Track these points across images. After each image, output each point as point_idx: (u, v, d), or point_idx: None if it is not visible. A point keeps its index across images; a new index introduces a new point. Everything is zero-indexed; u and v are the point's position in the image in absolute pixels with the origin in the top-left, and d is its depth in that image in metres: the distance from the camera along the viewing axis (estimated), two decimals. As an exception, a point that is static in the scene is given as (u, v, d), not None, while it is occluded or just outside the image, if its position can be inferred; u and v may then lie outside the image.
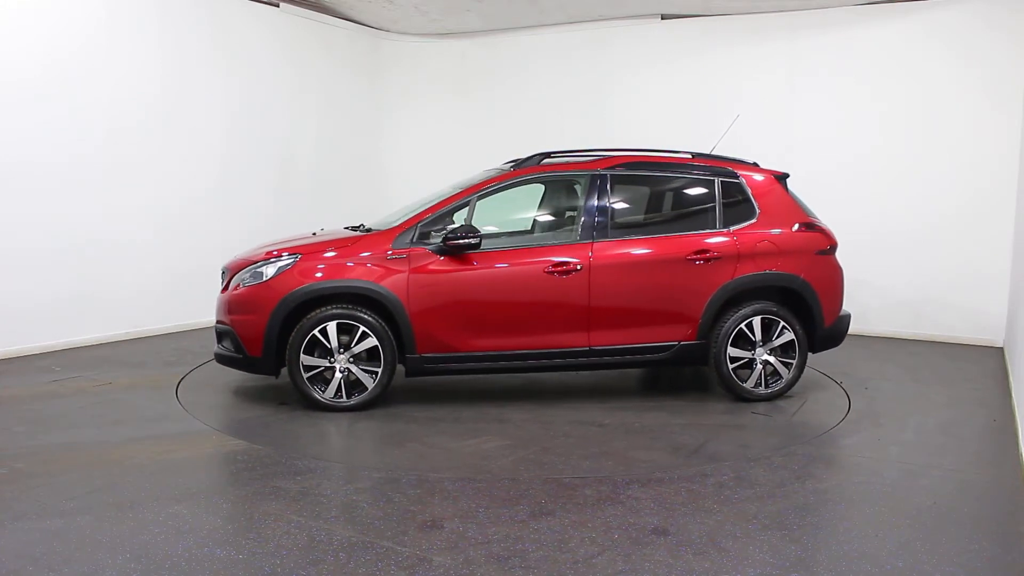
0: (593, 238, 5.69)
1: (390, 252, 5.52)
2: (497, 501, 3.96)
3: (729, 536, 3.58)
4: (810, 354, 6.02)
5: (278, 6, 9.22)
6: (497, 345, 5.62)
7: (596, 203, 5.77)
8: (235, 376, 6.47)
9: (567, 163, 6.11)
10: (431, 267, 5.51)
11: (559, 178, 6.20)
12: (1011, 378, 6.52)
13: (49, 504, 3.82)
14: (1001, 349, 7.93)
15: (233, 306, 5.63)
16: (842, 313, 6.09)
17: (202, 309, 8.21)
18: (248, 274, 5.63)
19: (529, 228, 6.42)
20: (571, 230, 5.85)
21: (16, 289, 6.90)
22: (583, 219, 5.75)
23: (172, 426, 5.15)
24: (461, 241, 5.45)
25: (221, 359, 5.78)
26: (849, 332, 6.27)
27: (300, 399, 5.59)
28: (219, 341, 5.81)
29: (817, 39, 8.74)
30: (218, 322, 5.79)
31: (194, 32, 8.29)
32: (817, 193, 7.14)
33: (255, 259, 5.71)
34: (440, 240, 5.52)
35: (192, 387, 6.13)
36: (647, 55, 9.55)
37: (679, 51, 9.41)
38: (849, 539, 3.60)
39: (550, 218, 6.40)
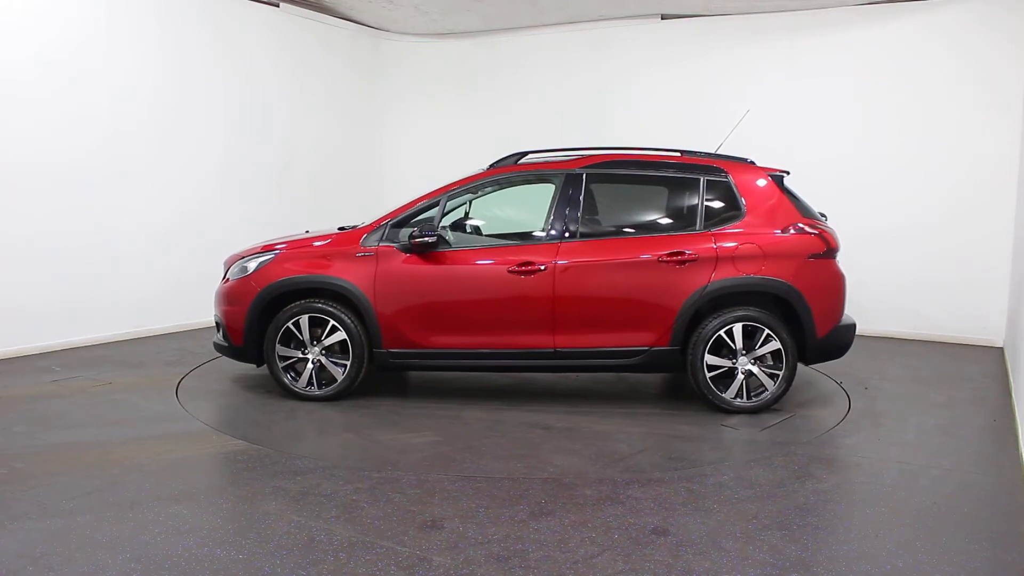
0: (562, 238, 5.61)
1: (359, 249, 5.70)
2: (497, 501, 3.96)
3: (729, 536, 3.59)
4: (805, 365, 5.80)
5: (278, 6, 9.22)
6: (461, 343, 5.66)
7: (568, 203, 5.67)
8: (235, 376, 6.49)
9: (543, 163, 6.05)
10: (397, 265, 5.65)
11: (533, 177, 6.11)
12: (1011, 378, 6.52)
13: (49, 504, 3.82)
14: (1001, 349, 7.93)
15: (223, 298, 5.99)
16: (842, 323, 5.67)
17: (202, 309, 8.19)
18: (237, 268, 5.99)
19: (503, 228, 6.43)
20: (542, 230, 5.77)
21: (16, 289, 6.90)
22: (552, 219, 5.69)
23: (172, 426, 5.16)
24: (419, 240, 5.56)
25: (216, 347, 6.14)
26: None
27: (278, 388, 5.88)
28: (217, 331, 6.13)
29: (817, 39, 8.74)
30: (215, 313, 6.10)
31: (194, 32, 8.29)
32: (817, 193, 7.12)
33: (244, 254, 6.07)
34: (406, 239, 5.64)
35: (192, 387, 6.13)
36: (647, 55, 9.55)
37: (679, 51, 9.41)
38: (849, 539, 3.60)
39: (523, 218, 6.41)
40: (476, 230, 6.29)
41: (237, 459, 4.58)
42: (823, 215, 5.91)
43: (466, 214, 6.41)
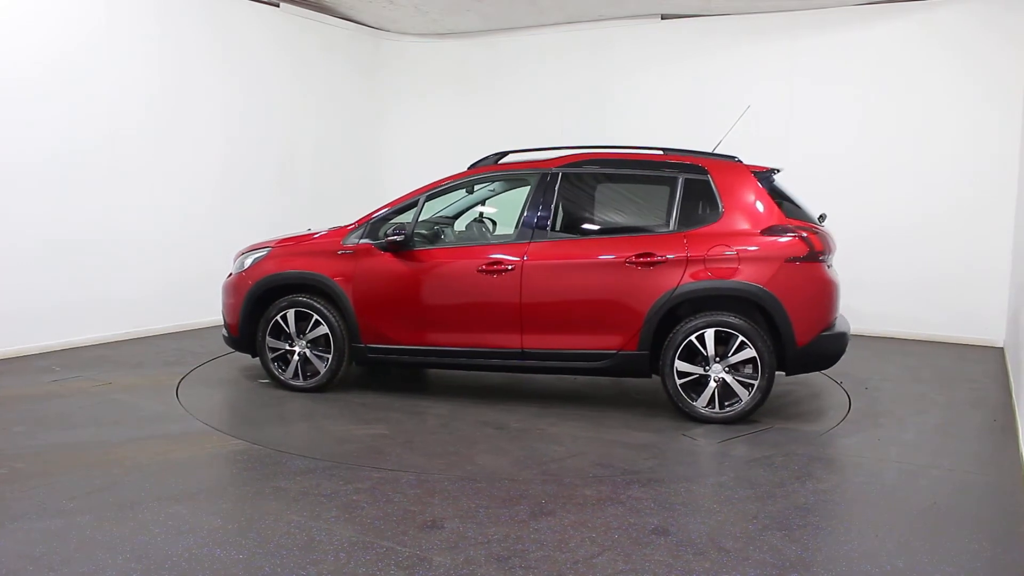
0: (532, 238, 5.55)
1: (341, 247, 5.88)
2: (497, 501, 3.96)
3: (729, 536, 3.58)
4: (786, 376, 5.53)
5: (278, 6, 9.22)
6: (432, 341, 5.71)
7: (540, 202, 5.61)
8: (234, 376, 6.50)
9: (522, 162, 6.03)
10: (373, 262, 5.78)
11: (511, 177, 6.11)
12: (1011, 378, 6.52)
13: (49, 504, 3.82)
14: (1001, 349, 7.93)
15: (224, 291, 6.32)
16: (828, 332, 5.31)
17: (202, 309, 8.22)
18: (237, 263, 6.32)
19: (479, 227, 6.47)
20: (514, 229, 5.73)
21: (16, 289, 6.89)
22: (524, 218, 5.64)
23: (172, 426, 5.15)
24: (390, 238, 5.68)
25: (223, 337, 6.40)
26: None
27: (274, 385, 6.13)
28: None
29: (817, 39, 8.74)
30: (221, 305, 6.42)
31: (194, 32, 8.28)
32: (817, 192, 7.12)
33: (249, 249, 6.37)
34: (382, 237, 5.77)
35: (192, 387, 6.13)
36: (647, 55, 9.55)
37: (679, 51, 9.41)
38: (849, 539, 3.60)
39: (499, 217, 6.45)
40: (453, 229, 6.32)
41: (237, 459, 4.58)
42: (823, 216, 5.77)
43: (444, 213, 6.49)
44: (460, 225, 6.54)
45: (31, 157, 6.94)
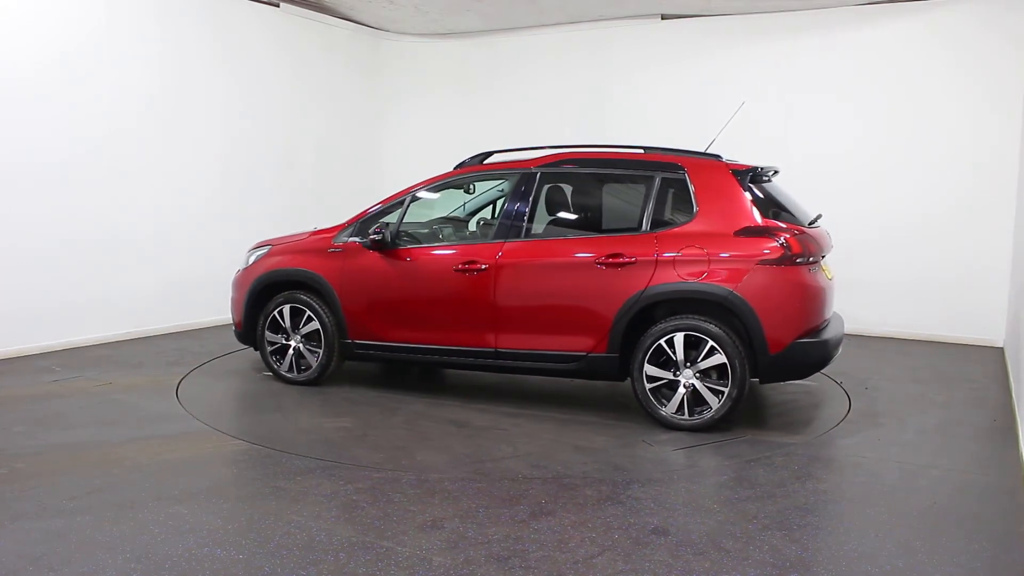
0: (506, 238, 5.55)
1: (331, 246, 6.05)
2: (497, 501, 3.96)
3: (729, 536, 3.59)
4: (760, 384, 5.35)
5: (278, 6, 9.22)
6: (412, 338, 5.80)
7: (517, 202, 5.61)
8: (235, 376, 6.50)
9: (505, 162, 6.02)
10: (359, 260, 5.93)
11: (493, 177, 6.15)
12: (1011, 378, 6.52)
13: (49, 504, 3.82)
14: (1001, 349, 7.93)
15: (232, 286, 6.54)
16: (807, 338, 5.01)
17: (203, 309, 8.23)
18: (244, 260, 6.56)
19: (463, 227, 6.52)
20: (492, 229, 5.77)
21: (16, 289, 6.89)
22: (500, 218, 5.68)
23: (172, 426, 5.16)
24: (371, 237, 5.79)
25: (233, 331, 6.58)
26: (848, 332, 5.89)
27: (275, 384, 6.26)
28: None
29: (817, 39, 8.73)
30: None
31: (194, 32, 8.28)
32: (816, 192, 7.13)
33: (252, 247, 6.60)
34: (368, 236, 5.87)
35: (192, 387, 6.13)
36: (647, 55, 9.54)
37: (679, 51, 9.40)
38: (849, 539, 3.60)
39: (481, 217, 6.52)
40: (436, 228, 6.37)
41: (237, 459, 4.59)
42: (818, 215, 5.68)
43: (429, 213, 6.58)
44: (473, 225, 6.57)
45: (31, 157, 6.94)
